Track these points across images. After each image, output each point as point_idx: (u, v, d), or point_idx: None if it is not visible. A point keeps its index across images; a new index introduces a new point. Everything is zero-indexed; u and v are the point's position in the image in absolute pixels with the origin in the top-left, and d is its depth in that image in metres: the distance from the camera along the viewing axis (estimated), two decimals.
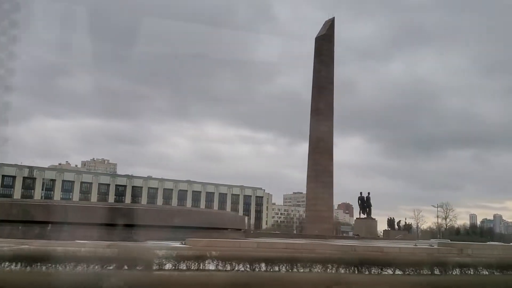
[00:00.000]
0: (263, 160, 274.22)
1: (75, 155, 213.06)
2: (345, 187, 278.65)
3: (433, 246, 33.48)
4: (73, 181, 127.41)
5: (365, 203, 62.98)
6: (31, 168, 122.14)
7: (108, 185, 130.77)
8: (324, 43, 61.85)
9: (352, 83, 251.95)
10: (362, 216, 63.36)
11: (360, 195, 63.48)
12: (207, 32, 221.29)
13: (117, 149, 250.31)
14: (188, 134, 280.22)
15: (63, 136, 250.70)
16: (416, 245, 33.86)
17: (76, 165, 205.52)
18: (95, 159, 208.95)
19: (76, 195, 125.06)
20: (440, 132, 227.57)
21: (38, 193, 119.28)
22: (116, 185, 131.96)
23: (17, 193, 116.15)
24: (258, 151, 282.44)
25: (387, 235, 79.62)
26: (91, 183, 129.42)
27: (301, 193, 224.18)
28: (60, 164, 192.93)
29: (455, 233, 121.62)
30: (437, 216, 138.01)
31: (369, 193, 63.66)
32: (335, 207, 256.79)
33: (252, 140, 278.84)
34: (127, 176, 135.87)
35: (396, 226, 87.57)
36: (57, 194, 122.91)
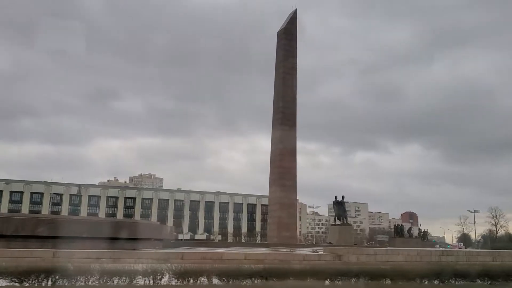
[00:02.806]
0: (317, 170, 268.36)
1: (138, 171, 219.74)
2: (410, 196, 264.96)
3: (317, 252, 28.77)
4: (117, 197, 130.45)
5: (340, 208, 57.56)
6: (79, 186, 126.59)
7: (151, 199, 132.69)
8: (290, 41, 57.95)
9: (395, 89, 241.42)
10: (338, 222, 57.84)
11: (335, 200, 58.17)
12: (241, 45, 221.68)
13: (175, 165, 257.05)
14: (241, 147, 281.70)
15: (124, 154, 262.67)
16: (291, 251, 29.37)
17: (125, 181, 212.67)
18: (141, 175, 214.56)
19: (120, 211, 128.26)
20: (502, 134, 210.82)
21: (84, 210, 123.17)
22: (159, 199, 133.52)
23: (64, 210, 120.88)
24: (311, 161, 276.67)
25: (393, 243, 73.12)
26: (134, 198, 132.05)
27: (347, 202, 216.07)
28: (108, 180, 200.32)
29: (508, 240, 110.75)
30: (491, 223, 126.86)
31: (343, 197, 58.18)
32: (398, 216, 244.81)
33: (304, 151, 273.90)
34: (153, 189, 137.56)
35: (407, 234, 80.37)
36: (102, 210, 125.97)
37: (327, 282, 18.27)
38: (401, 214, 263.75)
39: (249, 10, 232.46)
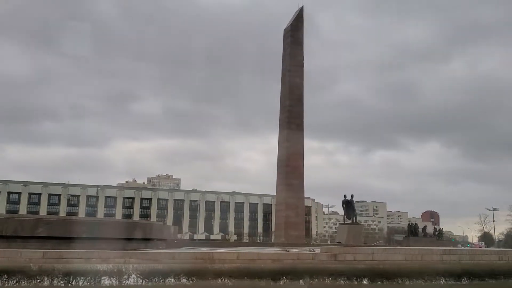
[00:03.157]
0: (336, 169, 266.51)
1: (156, 172, 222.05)
2: (430, 195, 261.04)
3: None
4: (133, 198, 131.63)
5: (349, 207, 56.77)
6: (97, 187, 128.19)
7: (167, 200, 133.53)
8: (296, 38, 57.40)
9: (412, 86, 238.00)
10: (347, 221, 57.04)
11: (344, 199, 57.37)
12: (257, 46, 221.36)
13: (193, 166, 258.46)
14: (257, 147, 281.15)
15: (143, 156, 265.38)
16: (287, 251, 28.89)
17: (144, 182, 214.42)
18: (159, 175, 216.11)
19: (136, 212, 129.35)
20: None
21: (101, 211, 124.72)
22: (175, 200, 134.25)
23: (81, 211, 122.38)
24: (330, 161, 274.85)
25: (407, 243, 71.90)
26: (150, 199, 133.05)
27: (365, 201, 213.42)
28: (126, 181, 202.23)
29: None
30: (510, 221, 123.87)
31: (352, 196, 57.34)
32: (418, 215, 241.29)
33: (323, 150, 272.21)
34: (169, 190, 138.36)
35: (422, 233, 78.93)
36: (119, 211, 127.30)
37: (312, 281, 17.87)
38: (422, 213, 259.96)
39: (263, 10, 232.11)
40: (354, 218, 56.92)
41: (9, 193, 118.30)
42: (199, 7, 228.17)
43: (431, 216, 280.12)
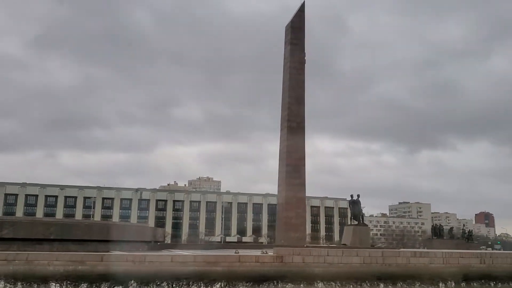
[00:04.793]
0: (382, 170, 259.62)
1: (201, 175, 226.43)
2: (482, 195, 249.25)
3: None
4: (166, 200, 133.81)
5: (355, 207, 54.26)
6: (133, 190, 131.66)
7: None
8: (297, 35, 55.88)
9: (454, 84, 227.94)
10: (354, 222, 54.54)
11: (350, 199, 55.01)
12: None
13: (236, 168, 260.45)
14: None
15: (189, 160, 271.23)
16: (237, 252, 27.67)
17: (185, 184, 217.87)
18: (200, 178, 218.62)
19: (186, 214, 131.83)
20: None
21: (134, 214, 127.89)
22: (207, 202, 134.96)
23: (116, 214, 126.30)
24: (375, 161, 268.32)
25: (430, 245, 68.58)
26: (183, 201, 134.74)
27: (408, 202, 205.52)
28: (168, 184, 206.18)
29: None
30: None
31: (358, 196, 54.72)
32: (470, 216, 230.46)
33: (367, 151, 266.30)
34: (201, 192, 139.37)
35: (448, 234, 74.83)
36: (152, 214, 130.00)
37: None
38: (476, 214, 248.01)
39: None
40: (361, 219, 54.45)
41: (47, 196, 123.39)
42: (229, 15, 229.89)
43: (486, 217, 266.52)
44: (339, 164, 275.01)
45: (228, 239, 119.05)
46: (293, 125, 53.72)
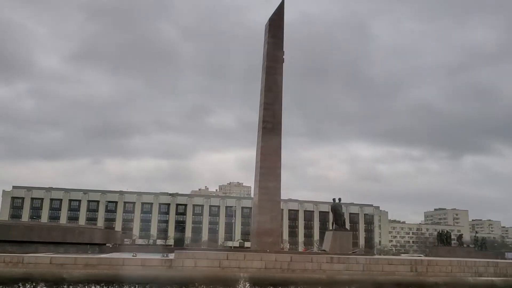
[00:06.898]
0: (424, 176, 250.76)
1: (234, 180, 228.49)
2: None
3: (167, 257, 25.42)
4: (202, 205, 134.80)
5: (336, 212, 51.65)
6: (153, 195, 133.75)
7: (218, 207, 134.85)
8: (276, 33, 54.16)
9: (489, 88, 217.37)
10: (336, 227, 51.90)
11: (333, 202, 52.58)
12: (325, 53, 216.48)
13: None
14: (338, 156, 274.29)
15: (224, 166, 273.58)
16: (135, 255, 26.34)
17: (216, 190, 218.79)
18: (230, 183, 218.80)
19: (205, 218, 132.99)
20: None
21: (155, 217, 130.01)
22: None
23: (137, 218, 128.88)
24: (417, 167, 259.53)
25: (435, 253, 64.73)
26: (219, 206, 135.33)
27: (444, 209, 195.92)
28: (199, 189, 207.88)
29: None
30: None
31: (340, 199, 52.15)
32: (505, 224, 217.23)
33: (408, 156, 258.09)
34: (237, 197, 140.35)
35: (456, 242, 70.28)
36: (172, 217, 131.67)
37: None
38: None
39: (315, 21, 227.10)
40: (342, 224, 51.83)
41: (70, 200, 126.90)
42: (249, 27, 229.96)
43: None
44: (379, 170, 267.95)
45: (247, 244, 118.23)
46: (269, 126, 51.88)
